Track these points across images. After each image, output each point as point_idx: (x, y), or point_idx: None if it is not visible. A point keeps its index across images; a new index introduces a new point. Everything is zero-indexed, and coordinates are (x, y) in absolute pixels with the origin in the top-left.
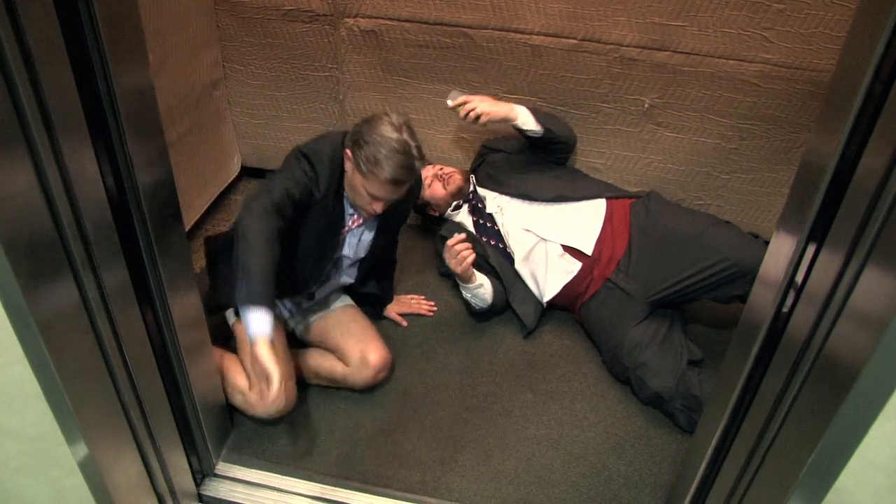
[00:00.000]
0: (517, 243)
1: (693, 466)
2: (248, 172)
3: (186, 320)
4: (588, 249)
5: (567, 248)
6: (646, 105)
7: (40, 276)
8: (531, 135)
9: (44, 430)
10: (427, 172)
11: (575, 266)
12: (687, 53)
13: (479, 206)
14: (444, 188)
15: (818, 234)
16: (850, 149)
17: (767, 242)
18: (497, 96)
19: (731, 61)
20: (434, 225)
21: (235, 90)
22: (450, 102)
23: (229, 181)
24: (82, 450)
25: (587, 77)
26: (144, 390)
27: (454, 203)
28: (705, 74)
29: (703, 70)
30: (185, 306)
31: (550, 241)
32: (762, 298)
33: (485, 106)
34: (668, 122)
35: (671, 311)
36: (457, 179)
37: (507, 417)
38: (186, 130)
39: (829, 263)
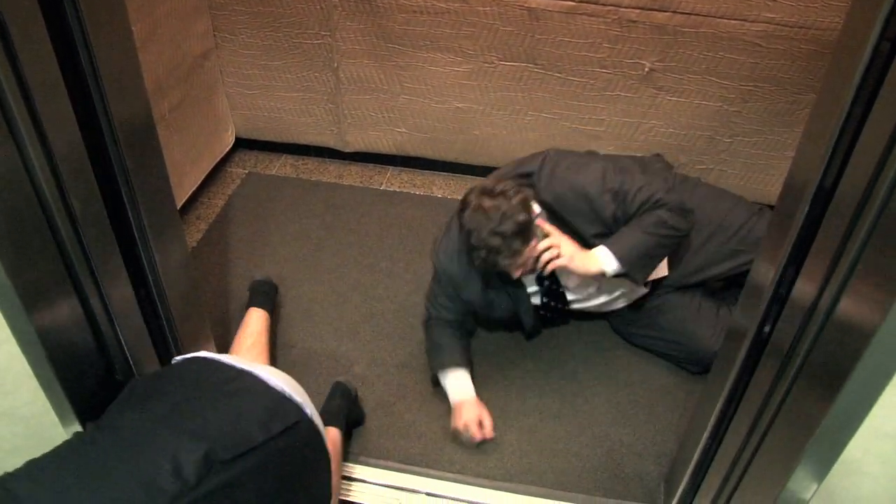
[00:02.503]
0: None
1: (696, 435)
2: (242, 144)
3: (180, 295)
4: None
5: None
6: (646, 69)
7: (26, 253)
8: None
9: (36, 411)
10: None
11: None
12: (687, 14)
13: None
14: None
15: (823, 197)
16: (855, 110)
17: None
18: (493, 65)
19: (732, 21)
20: None
21: (227, 60)
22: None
23: (223, 153)
24: (76, 430)
25: (585, 41)
26: (138, 366)
27: None
28: (706, 35)
29: (705, 31)
30: (179, 282)
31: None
32: (765, 267)
33: (570, 253)
34: (668, 85)
35: None
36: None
37: (509, 388)
38: (178, 103)
39: (836, 227)
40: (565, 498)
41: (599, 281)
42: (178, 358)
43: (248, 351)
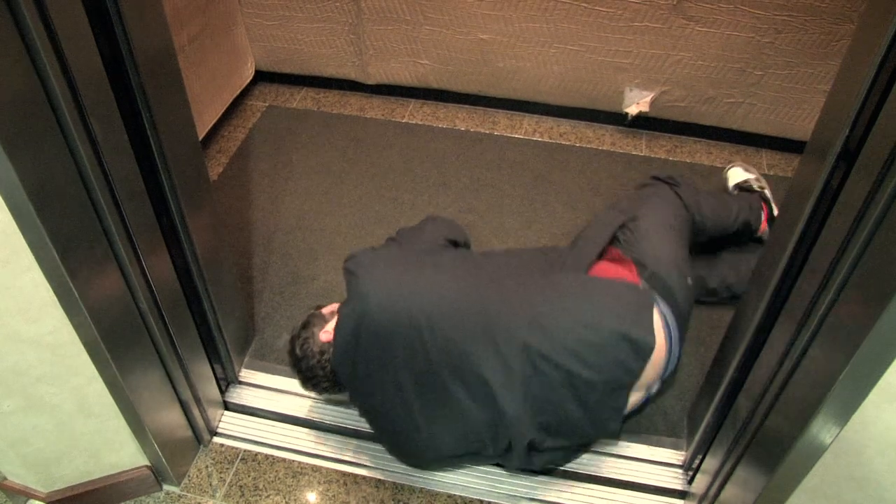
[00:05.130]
0: None
1: (723, 366)
2: (262, 77)
3: (203, 227)
4: None
5: None
6: None
7: (48, 180)
8: None
9: (62, 339)
10: None
11: None
12: None
13: None
14: None
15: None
16: None
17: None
18: None
19: None
20: None
21: None
22: None
23: (243, 86)
24: (101, 358)
25: None
26: (162, 298)
27: None
28: None
29: None
30: (202, 211)
31: None
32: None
33: None
34: (699, 15)
35: None
36: None
37: None
38: (197, 33)
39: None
40: None
41: None
42: None
43: None
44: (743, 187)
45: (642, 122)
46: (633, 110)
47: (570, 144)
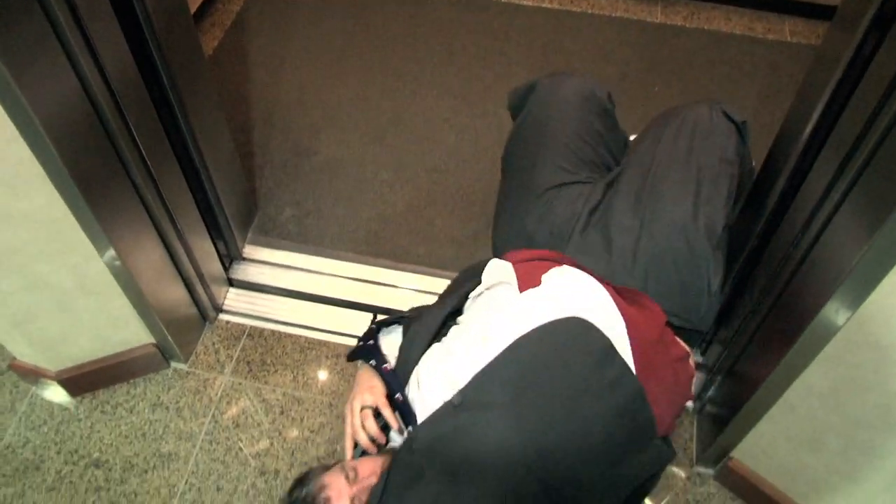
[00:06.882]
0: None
1: (751, 221)
2: None
3: (198, 101)
4: None
5: None
6: None
7: (24, 46)
8: None
9: (55, 215)
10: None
11: None
12: None
13: None
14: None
15: None
16: None
17: None
18: None
19: None
20: None
21: None
22: None
23: None
24: (98, 235)
25: None
26: (159, 172)
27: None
28: None
29: None
30: (196, 84)
31: None
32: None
33: None
34: None
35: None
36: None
37: None
38: None
39: None
40: None
41: None
42: None
43: None
44: None
45: None
46: None
47: (582, 11)
